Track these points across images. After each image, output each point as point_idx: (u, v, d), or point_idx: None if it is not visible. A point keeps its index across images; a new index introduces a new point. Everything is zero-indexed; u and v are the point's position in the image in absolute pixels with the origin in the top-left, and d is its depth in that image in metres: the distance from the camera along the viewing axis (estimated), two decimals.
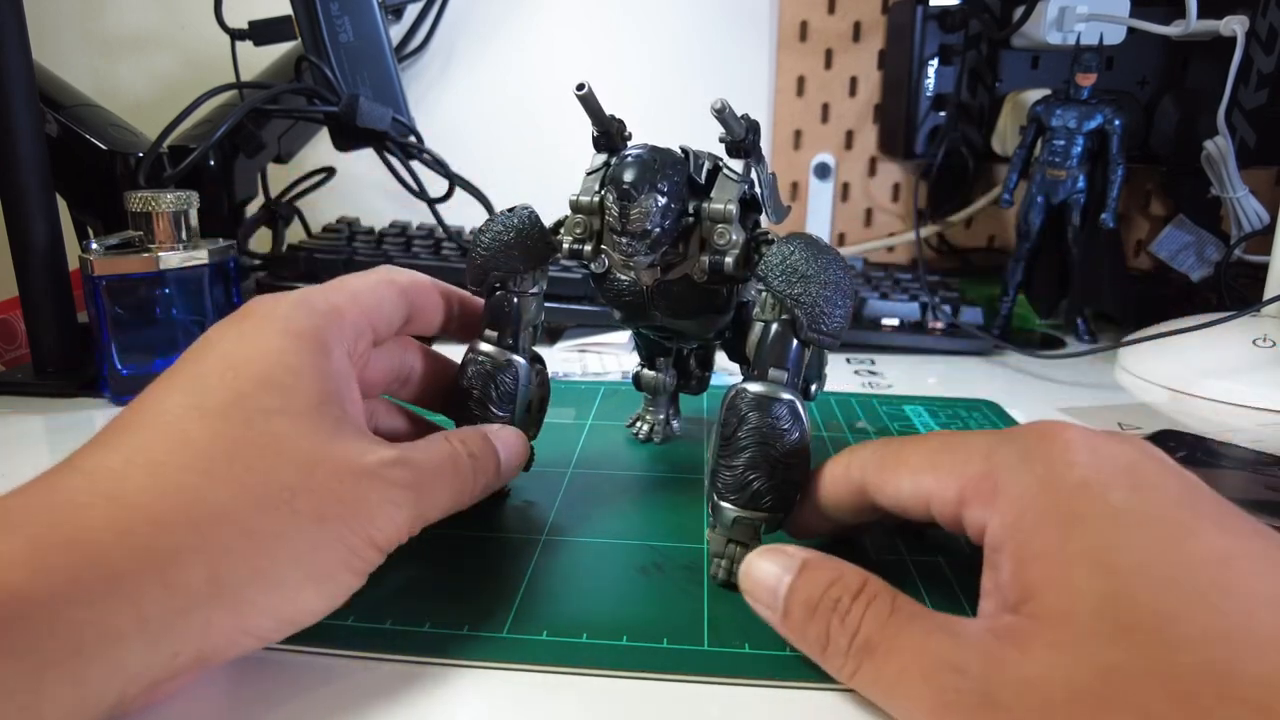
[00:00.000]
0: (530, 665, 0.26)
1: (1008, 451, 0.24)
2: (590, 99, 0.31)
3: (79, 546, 0.20)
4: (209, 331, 0.28)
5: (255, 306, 0.28)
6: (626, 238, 0.31)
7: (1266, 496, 0.37)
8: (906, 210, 0.86)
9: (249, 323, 0.27)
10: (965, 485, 0.24)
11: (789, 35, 0.83)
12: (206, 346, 0.27)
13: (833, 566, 0.25)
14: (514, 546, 0.33)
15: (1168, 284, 0.74)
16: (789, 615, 0.25)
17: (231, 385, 0.25)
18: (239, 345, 0.26)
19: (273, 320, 0.27)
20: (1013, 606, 0.22)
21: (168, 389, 0.25)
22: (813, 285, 0.30)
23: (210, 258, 0.51)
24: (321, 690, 0.25)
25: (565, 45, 0.86)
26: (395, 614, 0.28)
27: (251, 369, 0.26)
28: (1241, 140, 0.63)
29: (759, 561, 0.26)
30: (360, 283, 0.31)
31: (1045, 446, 0.24)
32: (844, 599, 0.24)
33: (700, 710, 0.25)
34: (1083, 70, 0.60)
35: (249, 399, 0.25)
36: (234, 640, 0.23)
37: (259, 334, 0.27)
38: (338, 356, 0.28)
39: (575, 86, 0.30)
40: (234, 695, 0.25)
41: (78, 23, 0.85)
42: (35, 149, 0.49)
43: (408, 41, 0.83)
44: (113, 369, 0.49)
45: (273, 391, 0.25)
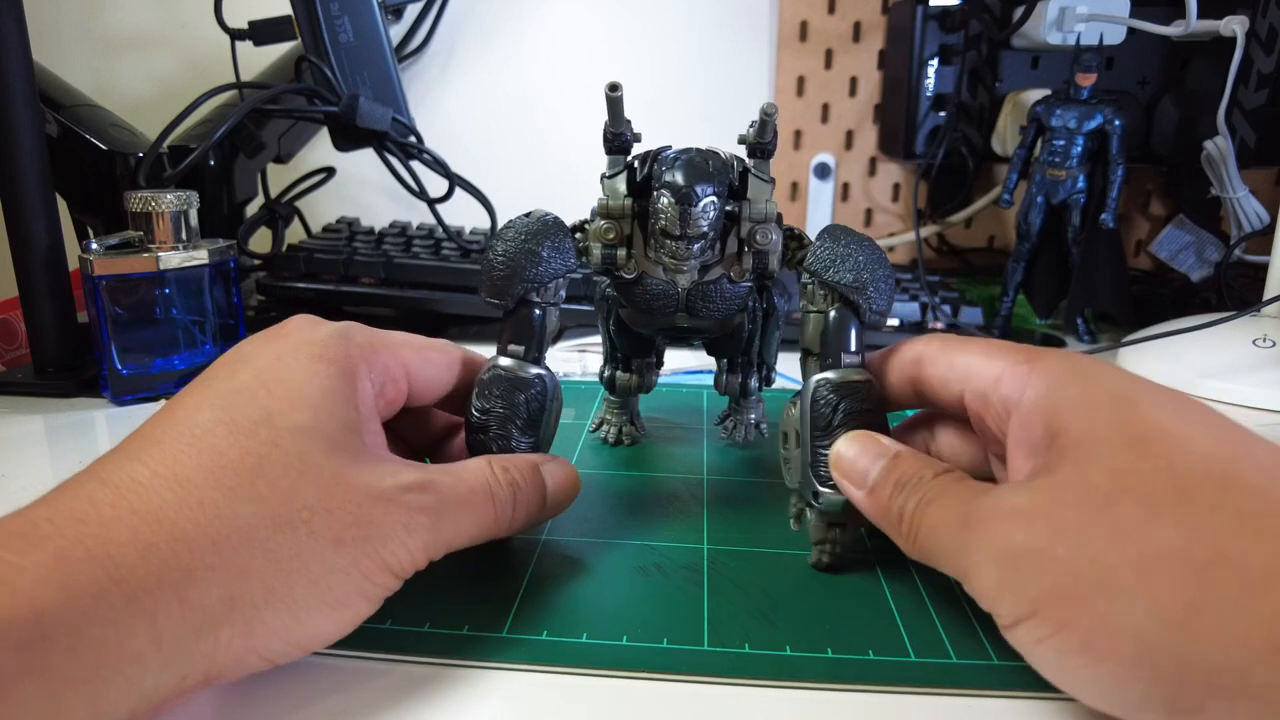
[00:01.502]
0: (530, 665, 0.26)
1: (1050, 355, 0.27)
2: (620, 101, 0.31)
3: (103, 563, 0.20)
4: (243, 345, 0.28)
5: (294, 327, 0.28)
6: (684, 241, 0.31)
7: None
8: (906, 210, 0.86)
9: (285, 343, 0.27)
10: (1006, 367, 0.27)
11: (789, 35, 0.83)
12: (240, 361, 0.27)
13: (922, 456, 0.28)
14: (514, 546, 0.33)
15: (1168, 284, 0.74)
16: (875, 492, 0.28)
17: (263, 403, 0.25)
18: (274, 363, 0.27)
19: (309, 344, 0.27)
20: (1040, 451, 0.25)
21: (198, 403, 0.25)
22: (864, 271, 0.32)
23: (210, 258, 0.51)
24: (322, 690, 0.25)
25: (565, 45, 0.86)
26: (395, 615, 0.28)
27: (283, 389, 0.26)
28: (1241, 140, 0.63)
29: (854, 444, 0.29)
30: (409, 338, 0.31)
31: (1085, 359, 0.27)
32: (926, 476, 0.27)
33: (700, 710, 0.25)
34: (1083, 70, 0.60)
35: (279, 417, 0.25)
36: (242, 661, 0.23)
37: (295, 355, 0.27)
38: (364, 389, 0.28)
39: (608, 86, 0.31)
40: (234, 695, 0.25)
41: (78, 23, 0.85)
42: (35, 149, 0.49)
43: (408, 41, 0.83)
44: (113, 369, 0.49)
45: (304, 410, 0.25)
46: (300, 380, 0.26)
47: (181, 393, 0.26)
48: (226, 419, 0.24)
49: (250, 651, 0.23)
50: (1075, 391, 0.25)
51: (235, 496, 0.23)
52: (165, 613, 0.21)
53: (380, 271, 0.64)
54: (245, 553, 0.22)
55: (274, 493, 0.23)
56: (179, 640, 0.21)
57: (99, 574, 0.20)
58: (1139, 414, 0.23)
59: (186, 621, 0.21)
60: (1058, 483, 0.23)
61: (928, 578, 0.31)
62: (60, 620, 0.19)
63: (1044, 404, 0.25)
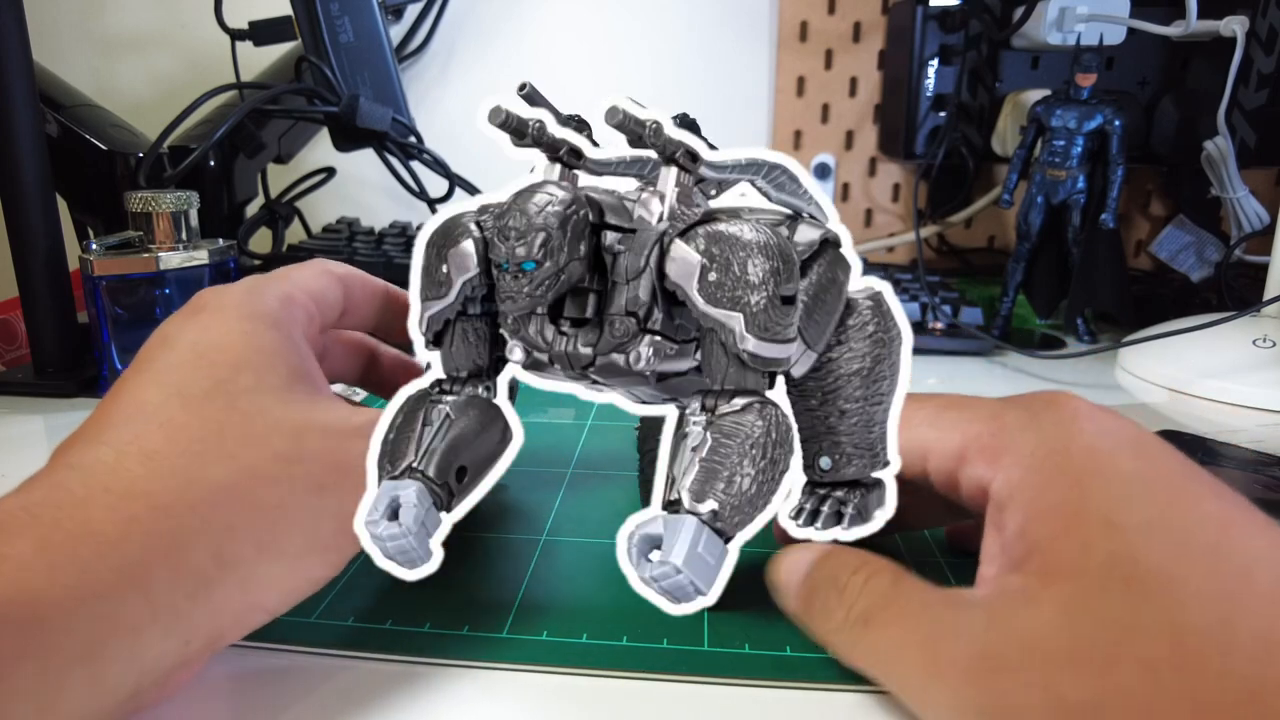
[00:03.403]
0: (530, 665, 0.26)
1: (1015, 414, 0.24)
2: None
3: (86, 541, 0.20)
4: (164, 327, 0.28)
5: (207, 299, 0.28)
6: None
7: (1267, 497, 0.37)
8: (906, 210, 0.86)
9: (206, 314, 0.27)
10: (968, 442, 0.25)
11: (789, 35, 0.83)
12: (168, 341, 0.27)
13: (841, 550, 0.25)
14: (514, 546, 0.33)
15: (1168, 284, 0.73)
16: (799, 599, 0.26)
17: (208, 372, 0.25)
18: (204, 334, 0.26)
19: (229, 309, 0.27)
20: (1017, 563, 0.22)
21: (142, 383, 0.25)
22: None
23: (210, 258, 0.51)
24: (322, 690, 0.25)
25: (565, 45, 0.86)
26: (395, 614, 0.28)
27: (222, 355, 0.26)
28: (1241, 140, 0.63)
29: (785, 557, 0.27)
30: (301, 273, 0.31)
31: (1054, 412, 0.24)
32: (841, 574, 0.24)
33: (700, 710, 0.24)
34: (1083, 70, 0.60)
35: (227, 383, 0.25)
36: (242, 618, 0.23)
37: (220, 322, 0.27)
38: (297, 337, 0.28)
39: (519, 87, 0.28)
40: (235, 695, 0.25)
41: (78, 23, 0.85)
42: (35, 149, 0.49)
43: (408, 42, 0.83)
44: (113, 369, 0.49)
45: (248, 371, 0.25)
46: (235, 343, 0.26)
47: (120, 379, 0.26)
48: (177, 393, 0.24)
49: (249, 607, 0.23)
50: (1058, 500, 0.22)
51: (205, 460, 0.23)
52: (157, 581, 0.21)
53: (380, 272, 0.63)
54: (228, 511, 0.22)
55: (244, 449, 0.23)
56: (175, 607, 0.21)
57: (84, 552, 0.20)
58: (1132, 547, 0.20)
59: (180, 587, 0.21)
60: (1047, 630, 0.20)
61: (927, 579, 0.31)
62: (53, 602, 0.19)
63: (1021, 506, 0.22)
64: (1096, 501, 0.21)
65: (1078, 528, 0.21)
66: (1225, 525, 0.21)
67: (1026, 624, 0.20)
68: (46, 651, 0.19)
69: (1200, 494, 0.21)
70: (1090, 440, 0.23)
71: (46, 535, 0.20)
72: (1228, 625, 0.19)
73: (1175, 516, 0.21)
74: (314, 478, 0.24)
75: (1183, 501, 0.21)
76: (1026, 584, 0.21)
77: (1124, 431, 0.23)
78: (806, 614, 0.25)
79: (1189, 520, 0.21)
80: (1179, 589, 0.19)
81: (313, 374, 0.27)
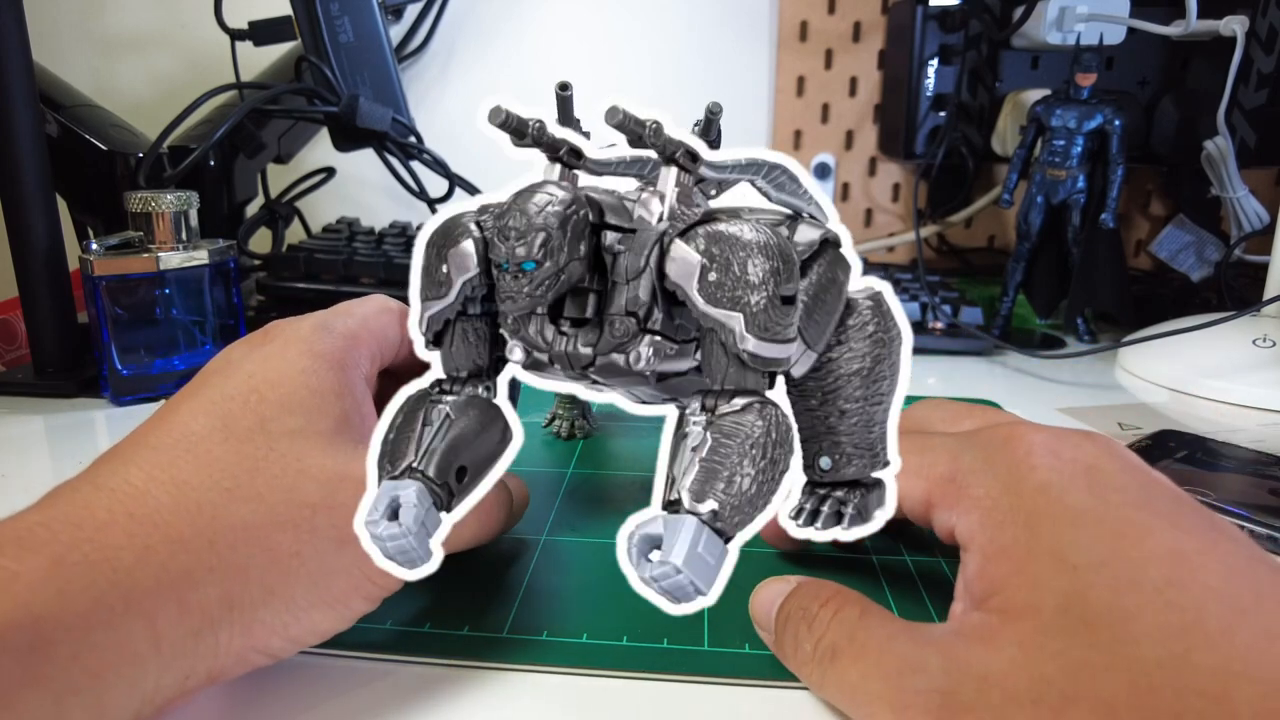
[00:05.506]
0: (530, 665, 0.26)
1: (972, 456, 0.25)
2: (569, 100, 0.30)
3: (100, 566, 0.20)
4: (231, 350, 0.28)
5: (278, 329, 0.28)
6: None
7: (1267, 500, 0.36)
8: (906, 210, 0.86)
9: (273, 345, 0.28)
10: (932, 488, 0.25)
11: (789, 35, 0.83)
12: (230, 367, 0.27)
13: (813, 582, 0.25)
14: (514, 546, 0.33)
15: (1168, 284, 0.73)
16: (773, 631, 0.26)
17: (256, 409, 0.25)
18: (262, 366, 0.27)
19: (295, 343, 0.28)
20: (979, 601, 0.22)
21: (192, 410, 0.25)
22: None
23: (210, 258, 0.51)
24: (322, 691, 0.25)
25: (565, 46, 0.86)
26: (395, 615, 0.28)
27: (274, 392, 0.26)
28: (1241, 140, 0.63)
29: (762, 589, 0.27)
30: (365, 309, 0.31)
31: (1008, 450, 0.24)
32: (811, 606, 0.24)
33: (700, 710, 0.25)
34: (1083, 70, 0.60)
35: (272, 421, 0.25)
36: (243, 658, 0.23)
37: (282, 357, 0.27)
38: (356, 379, 0.28)
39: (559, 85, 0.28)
40: (235, 696, 0.25)
41: (78, 23, 0.85)
42: (35, 149, 0.49)
43: (408, 41, 0.83)
44: (113, 369, 0.49)
45: (297, 413, 0.25)
46: (291, 381, 0.26)
47: (174, 399, 0.26)
48: (221, 426, 0.25)
49: (250, 649, 0.23)
50: (1012, 542, 0.22)
51: (234, 497, 0.23)
52: (164, 615, 0.21)
53: (380, 272, 0.64)
54: (243, 552, 0.22)
55: (273, 491, 0.23)
56: (179, 642, 0.21)
57: (96, 578, 0.20)
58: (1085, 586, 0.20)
59: (185, 624, 0.21)
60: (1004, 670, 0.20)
61: (927, 579, 0.31)
62: (60, 625, 0.19)
63: (978, 548, 0.23)
64: (1047, 541, 0.22)
65: (1030, 567, 0.21)
66: (1177, 559, 0.20)
67: (986, 662, 0.20)
68: (50, 677, 0.19)
69: (1152, 527, 0.21)
70: (1043, 477, 0.23)
71: (62, 555, 0.20)
72: (1182, 662, 0.19)
73: (1127, 552, 0.21)
74: (338, 530, 0.24)
75: (1135, 535, 0.21)
76: (986, 621, 0.21)
77: (1078, 463, 0.23)
78: (779, 646, 0.25)
79: (1141, 555, 0.21)
80: (1132, 626, 0.19)
81: (362, 422, 0.27)
